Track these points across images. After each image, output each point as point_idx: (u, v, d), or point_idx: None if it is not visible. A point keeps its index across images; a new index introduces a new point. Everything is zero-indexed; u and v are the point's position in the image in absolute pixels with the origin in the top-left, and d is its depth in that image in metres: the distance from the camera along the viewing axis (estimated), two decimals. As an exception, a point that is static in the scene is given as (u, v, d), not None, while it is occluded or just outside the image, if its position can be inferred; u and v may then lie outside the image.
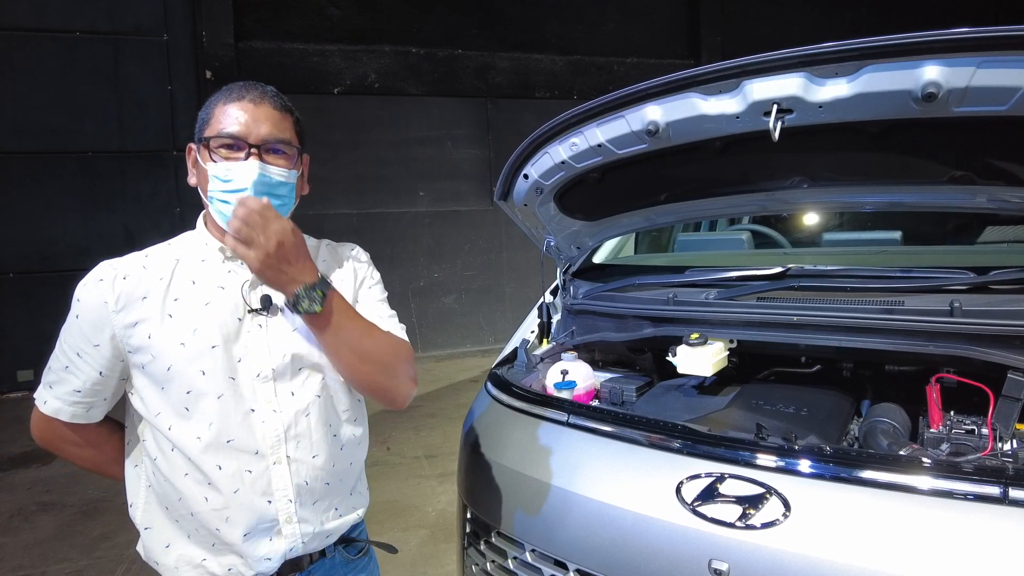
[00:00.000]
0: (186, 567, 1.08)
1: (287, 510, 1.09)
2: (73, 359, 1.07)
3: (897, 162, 1.41)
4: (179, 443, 1.05)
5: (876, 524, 1.03)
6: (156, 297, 1.06)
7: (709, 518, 1.14)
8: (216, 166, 1.05)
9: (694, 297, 1.74)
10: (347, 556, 1.23)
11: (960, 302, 1.35)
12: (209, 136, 1.06)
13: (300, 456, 1.10)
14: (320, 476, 1.13)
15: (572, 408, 1.51)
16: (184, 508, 1.06)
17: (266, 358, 1.08)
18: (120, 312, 1.04)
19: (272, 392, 1.08)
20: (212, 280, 1.10)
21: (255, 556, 1.08)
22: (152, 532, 1.10)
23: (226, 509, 1.06)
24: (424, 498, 3.59)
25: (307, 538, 1.12)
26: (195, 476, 1.05)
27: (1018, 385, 1.25)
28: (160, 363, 1.04)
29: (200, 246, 1.13)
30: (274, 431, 1.08)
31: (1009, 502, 0.98)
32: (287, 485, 1.09)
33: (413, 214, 7.65)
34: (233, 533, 1.06)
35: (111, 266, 1.07)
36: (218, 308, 1.07)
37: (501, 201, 1.87)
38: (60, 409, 1.09)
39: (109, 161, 6.74)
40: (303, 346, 1.11)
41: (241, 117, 1.06)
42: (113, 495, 3.79)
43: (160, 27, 6.84)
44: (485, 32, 7.81)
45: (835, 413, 1.50)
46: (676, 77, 1.38)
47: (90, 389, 1.08)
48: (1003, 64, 1.10)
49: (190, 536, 1.08)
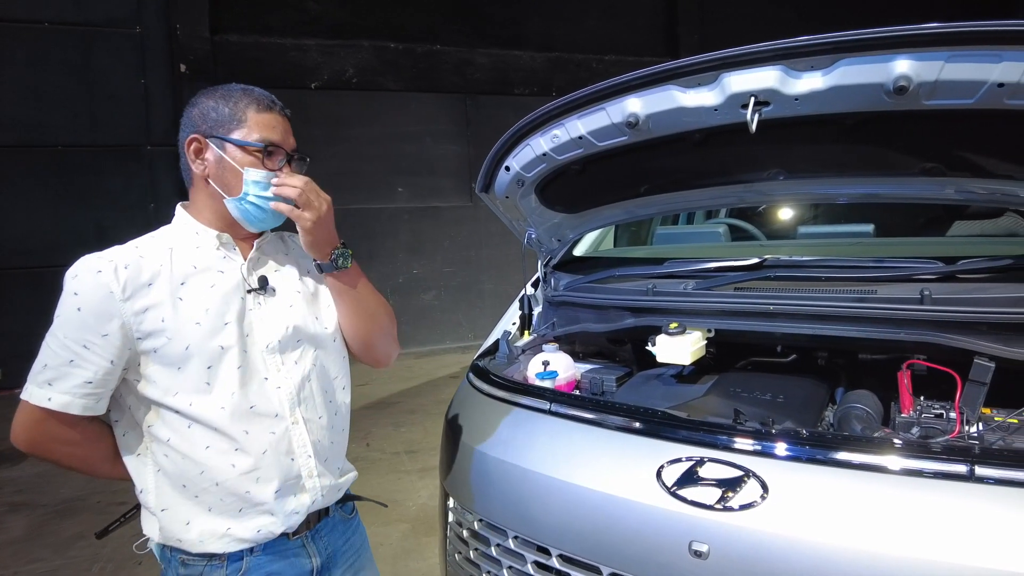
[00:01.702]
0: (210, 539, 1.13)
1: (308, 466, 1.21)
2: (79, 352, 1.07)
3: (870, 154, 1.45)
4: (202, 417, 1.11)
5: (850, 504, 1.06)
6: (162, 283, 1.11)
7: (689, 501, 1.16)
8: (255, 173, 1.15)
9: (673, 288, 1.77)
10: (343, 515, 1.34)
11: (930, 291, 1.39)
12: (252, 140, 1.16)
13: (310, 417, 1.22)
14: (327, 435, 1.26)
15: (554, 396, 1.52)
16: (206, 481, 1.12)
17: (270, 331, 1.19)
18: (128, 300, 1.08)
19: (279, 362, 1.20)
20: (211, 265, 1.18)
21: (285, 512, 1.18)
22: (169, 512, 1.14)
23: (256, 471, 1.14)
24: (405, 493, 3.59)
25: (325, 491, 1.24)
26: (219, 446, 1.12)
27: (983, 370, 1.29)
28: (177, 344, 1.10)
29: (191, 235, 1.19)
30: (288, 395, 1.19)
31: (975, 479, 1.01)
32: (305, 443, 1.21)
33: (392, 210, 7.61)
34: (265, 492, 1.15)
35: (104, 258, 1.09)
36: (223, 289, 1.16)
37: (483, 193, 1.88)
38: (70, 403, 1.09)
39: (81, 155, 6.60)
40: (300, 320, 1.23)
41: (278, 127, 1.19)
42: (88, 494, 3.73)
43: (133, 19, 6.71)
44: (464, 28, 7.80)
45: (811, 400, 1.54)
46: (655, 70, 1.40)
47: (101, 379, 1.09)
48: (970, 59, 1.13)
49: (211, 509, 1.13)
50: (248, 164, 1.16)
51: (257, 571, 1.17)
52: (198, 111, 1.18)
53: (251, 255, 1.22)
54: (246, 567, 1.16)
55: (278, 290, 1.23)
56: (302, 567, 1.23)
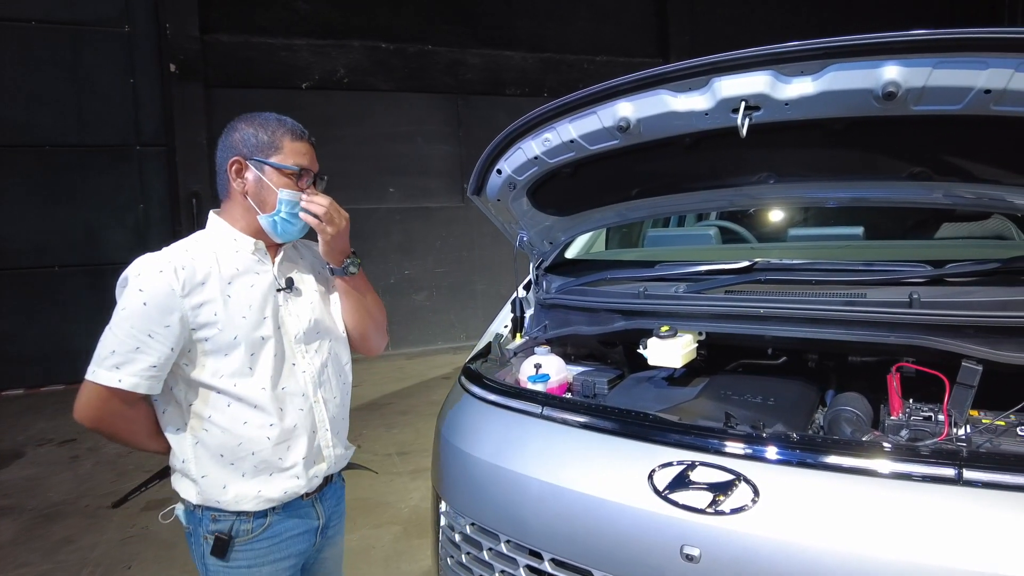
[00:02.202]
0: (245, 500, 1.34)
1: (326, 438, 1.45)
2: (145, 340, 1.25)
3: (860, 158, 1.46)
4: (244, 396, 1.32)
5: (841, 507, 1.07)
6: (213, 282, 1.31)
7: (680, 504, 1.17)
8: (289, 194, 1.36)
9: (664, 291, 1.77)
10: (341, 482, 1.59)
11: (919, 294, 1.40)
12: (286, 165, 1.36)
13: (328, 397, 1.46)
14: (339, 412, 1.50)
15: (546, 400, 1.52)
16: (244, 451, 1.33)
17: (298, 324, 1.42)
18: (187, 296, 1.27)
19: (304, 350, 1.42)
20: (250, 267, 1.38)
21: (308, 476, 1.41)
22: (208, 479, 1.34)
23: (287, 441, 1.37)
24: (397, 495, 3.58)
25: (337, 459, 1.49)
26: (257, 421, 1.34)
27: (971, 373, 1.31)
28: (227, 334, 1.30)
29: (230, 241, 1.39)
30: (311, 378, 1.42)
31: (963, 483, 1.02)
32: (324, 419, 1.44)
33: (383, 210, 7.59)
34: (294, 458, 1.38)
35: (163, 259, 1.28)
36: (260, 288, 1.37)
37: (474, 196, 1.88)
38: (138, 384, 1.26)
39: (68, 155, 6.54)
40: (318, 315, 1.47)
41: (308, 154, 1.41)
42: (76, 497, 3.70)
43: (121, 18, 6.66)
44: (456, 28, 7.79)
45: (801, 403, 1.55)
46: (647, 74, 1.40)
47: (163, 364, 1.28)
48: (957, 65, 1.14)
49: (245, 475, 1.34)
50: (282, 185, 1.36)
51: (277, 525, 1.39)
52: (239, 136, 1.37)
53: (279, 259, 1.43)
54: (269, 522, 1.38)
55: (302, 289, 1.46)
56: (311, 523, 1.46)
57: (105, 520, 3.39)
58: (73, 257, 6.57)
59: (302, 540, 1.44)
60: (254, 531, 1.37)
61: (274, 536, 1.39)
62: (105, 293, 1.39)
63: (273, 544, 1.39)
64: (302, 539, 1.44)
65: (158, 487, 1.53)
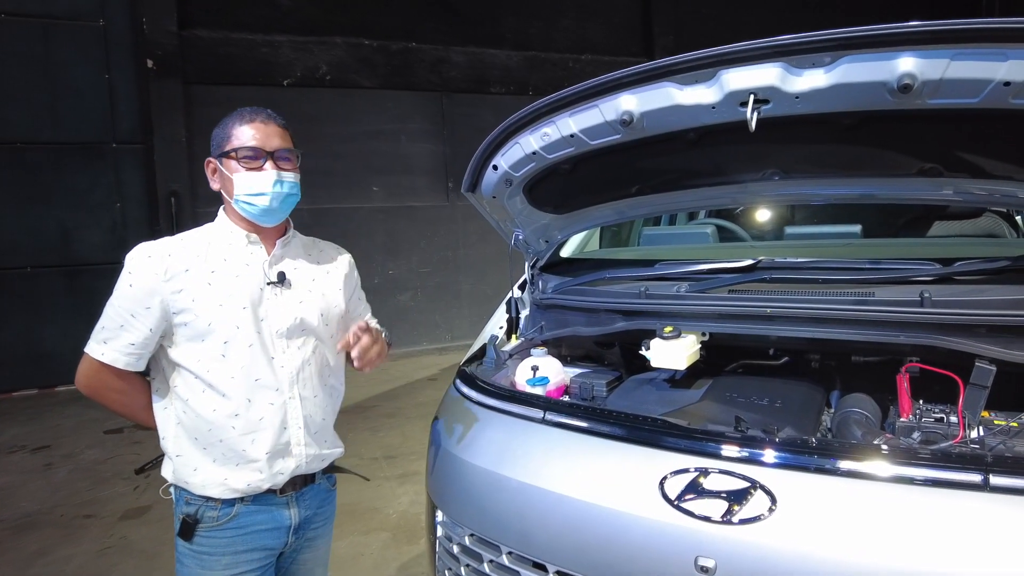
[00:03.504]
0: (211, 485, 1.37)
1: (297, 435, 1.43)
2: (128, 319, 1.34)
3: (868, 154, 1.42)
4: (214, 383, 1.35)
5: (863, 515, 1.03)
6: (197, 270, 1.36)
7: (694, 514, 1.12)
8: (241, 176, 1.38)
9: (665, 290, 1.73)
10: (328, 485, 1.57)
11: (929, 292, 1.37)
12: (232, 149, 1.38)
13: (306, 394, 1.45)
14: (318, 412, 1.48)
15: (547, 404, 1.47)
16: (213, 437, 1.36)
17: (282, 319, 1.42)
18: (168, 282, 1.33)
19: (286, 345, 1.43)
20: (239, 259, 1.42)
21: (272, 471, 1.40)
22: (183, 458, 1.39)
23: (253, 433, 1.38)
24: (385, 500, 3.50)
25: (309, 459, 1.46)
26: (224, 410, 1.36)
27: (985, 373, 1.28)
28: (203, 320, 1.34)
29: (226, 233, 1.44)
30: (289, 374, 1.42)
31: (990, 488, 0.99)
32: (298, 416, 1.43)
33: (367, 210, 7.48)
34: (258, 451, 1.38)
35: (155, 247, 1.36)
36: (246, 279, 1.40)
37: (469, 193, 1.82)
38: (117, 359, 1.35)
39: (42, 153, 6.35)
40: (306, 314, 1.46)
41: (257, 134, 1.39)
42: (50, 507, 3.57)
43: (96, 11, 6.48)
44: (440, 26, 7.70)
45: (808, 404, 1.51)
46: (652, 66, 1.36)
47: (142, 343, 1.35)
48: (976, 57, 1.11)
49: (215, 460, 1.37)
50: (238, 170, 1.38)
51: (245, 517, 1.40)
52: (211, 139, 1.43)
53: (273, 253, 1.46)
54: (236, 512, 1.39)
55: (294, 285, 1.46)
56: (281, 521, 1.44)
57: (81, 530, 3.27)
58: (47, 258, 6.37)
59: (270, 537, 1.43)
60: (219, 519, 1.39)
61: (240, 527, 1.40)
62: (81, 295, 1.41)
63: (238, 535, 1.40)
64: (270, 536, 1.43)
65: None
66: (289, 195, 1.43)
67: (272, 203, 1.39)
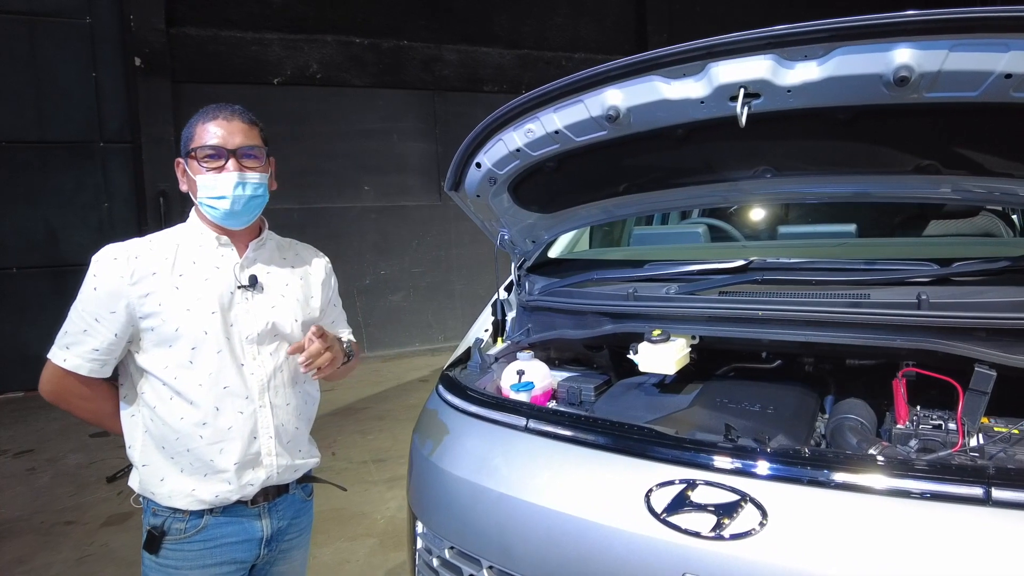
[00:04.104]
0: (178, 496, 1.32)
1: (268, 445, 1.38)
2: (92, 324, 1.28)
3: (863, 151, 1.37)
4: (182, 390, 1.30)
5: (860, 530, 0.97)
6: (164, 273, 1.31)
7: (681, 528, 1.07)
8: (203, 178, 1.32)
9: (655, 292, 1.67)
10: (303, 495, 1.51)
11: (927, 294, 1.32)
12: (194, 148, 1.32)
13: (278, 402, 1.39)
14: (291, 420, 1.42)
15: (531, 412, 1.41)
16: (181, 446, 1.31)
17: (252, 324, 1.37)
18: (134, 285, 1.28)
19: (256, 351, 1.37)
20: (209, 261, 1.36)
21: (241, 482, 1.34)
22: (149, 468, 1.34)
23: (221, 442, 1.32)
24: (372, 505, 3.43)
25: (281, 469, 1.40)
26: (192, 418, 1.30)
27: (985, 379, 1.23)
28: (169, 325, 1.29)
29: (196, 235, 1.38)
30: (259, 381, 1.36)
31: (992, 503, 0.93)
32: (269, 425, 1.38)
33: (358, 209, 7.41)
34: (225, 462, 1.32)
35: (121, 248, 1.31)
36: (215, 283, 1.34)
37: (452, 191, 1.76)
38: (80, 365, 1.30)
39: (27, 152, 6.25)
40: (279, 319, 1.40)
41: (219, 131, 1.32)
42: (30, 513, 3.49)
43: (83, 8, 6.37)
44: (432, 23, 7.63)
45: (801, 410, 1.46)
46: (637, 59, 1.30)
47: (106, 348, 1.30)
48: (976, 48, 1.06)
49: (183, 470, 1.32)
50: (200, 171, 1.32)
51: (214, 529, 1.34)
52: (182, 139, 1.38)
53: (245, 256, 1.40)
54: (205, 524, 1.34)
55: (267, 289, 1.40)
56: (253, 533, 1.39)
57: (61, 537, 3.19)
58: (33, 258, 6.29)
59: (240, 550, 1.38)
60: (187, 531, 1.34)
61: (208, 540, 1.35)
62: (67, 296, 1.38)
63: (206, 548, 1.34)
64: (240, 548, 1.38)
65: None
66: (253, 197, 1.35)
67: (234, 206, 1.33)
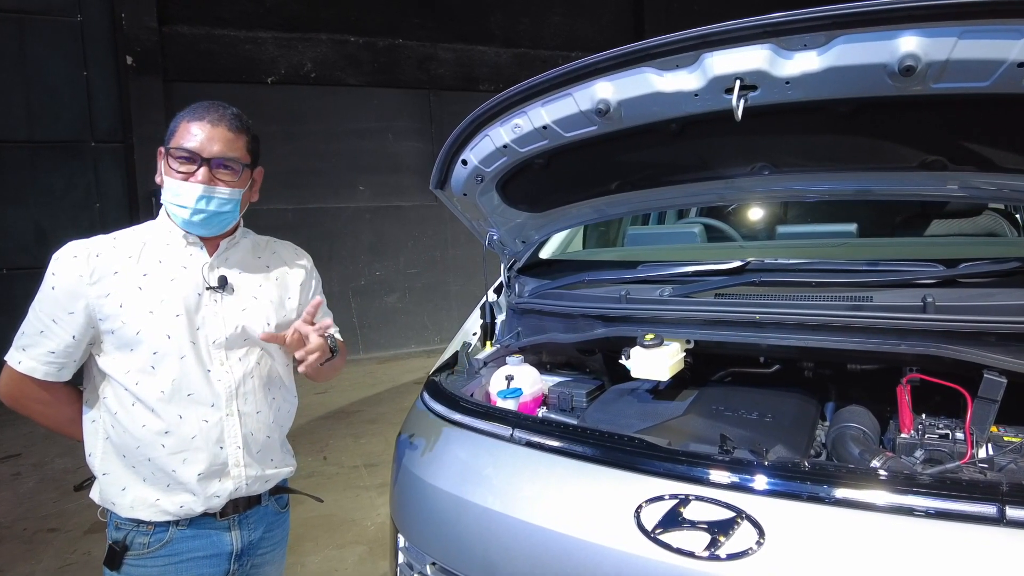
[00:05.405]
0: (141, 506, 1.25)
1: (235, 455, 1.30)
2: (48, 325, 1.22)
3: (866, 146, 1.30)
4: (143, 397, 1.23)
5: (863, 550, 0.91)
6: (127, 272, 1.24)
7: (672, 548, 1.00)
8: (170, 181, 1.25)
9: (648, 294, 1.61)
10: (277, 507, 1.43)
11: (932, 297, 1.25)
12: (171, 146, 1.25)
13: (247, 410, 1.32)
14: (262, 429, 1.34)
15: (517, 421, 1.34)
16: (141, 455, 1.24)
17: (221, 328, 1.29)
18: (94, 285, 1.21)
19: (224, 356, 1.30)
20: (176, 261, 1.29)
21: (207, 494, 1.27)
22: (110, 477, 1.27)
23: (183, 452, 1.25)
24: (363, 511, 3.36)
25: (250, 480, 1.32)
26: (153, 426, 1.24)
27: (995, 386, 1.17)
28: (130, 328, 1.22)
29: (164, 232, 1.31)
30: (227, 388, 1.29)
31: (1006, 522, 0.87)
32: (236, 434, 1.30)
33: (353, 209, 7.34)
34: (189, 473, 1.25)
35: (82, 245, 1.23)
36: (181, 284, 1.27)
37: (437, 189, 1.69)
38: (34, 368, 1.24)
39: (17, 152, 6.18)
40: (250, 322, 1.32)
41: (199, 135, 1.24)
42: (12, 520, 3.42)
43: (73, 7, 6.31)
44: (427, 22, 7.57)
45: (801, 418, 1.39)
46: (628, 49, 1.23)
47: (63, 351, 1.24)
48: (987, 35, 0.99)
49: (145, 480, 1.25)
50: (171, 172, 1.25)
51: (179, 544, 1.27)
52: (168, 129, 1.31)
53: (215, 255, 1.32)
54: (170, 538, 1.27)
55: (237, 290, 1.33)
56: (222, 547, 1.32)
57: (43, 545, 3.12)
58: (22, 259, 6.21)
59: (208, 565, 1.31)
60: (150, 546, 1.26)
61: (173, 555, 1.27)
62: None
63: (170, 564, 1.27)
64: (208, 563, 1.30)
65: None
66: (217, 213, 1.27)
67: (193, 217, 1.25)
